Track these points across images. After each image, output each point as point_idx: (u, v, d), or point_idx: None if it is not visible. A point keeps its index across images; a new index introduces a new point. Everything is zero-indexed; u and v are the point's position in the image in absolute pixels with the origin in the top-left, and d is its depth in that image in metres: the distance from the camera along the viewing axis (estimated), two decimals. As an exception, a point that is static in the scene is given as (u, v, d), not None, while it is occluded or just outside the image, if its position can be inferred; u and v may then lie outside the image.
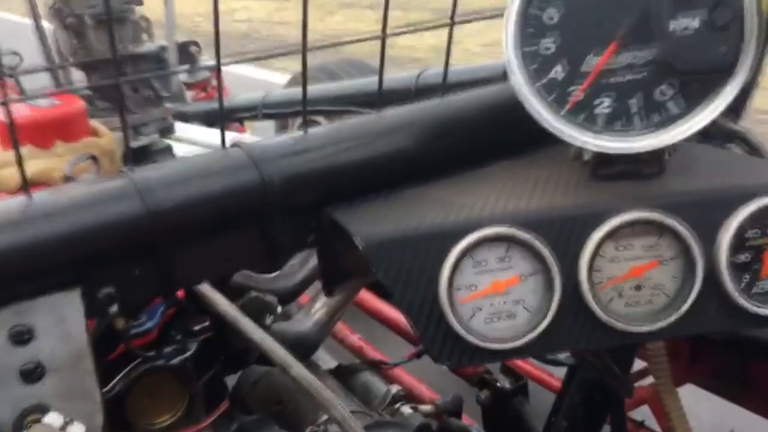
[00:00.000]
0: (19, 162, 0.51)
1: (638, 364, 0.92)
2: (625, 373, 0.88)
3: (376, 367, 1.06)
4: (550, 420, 1.02)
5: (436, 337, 0.54)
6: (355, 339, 1.63)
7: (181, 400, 0.75)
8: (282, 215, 0.56)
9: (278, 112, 1.54)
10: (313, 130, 0.60)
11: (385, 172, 0.60)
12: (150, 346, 0.73)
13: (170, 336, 0.76)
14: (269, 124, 2.00)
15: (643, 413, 1.19)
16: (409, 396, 1.45)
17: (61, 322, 0.50)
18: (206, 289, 0.76)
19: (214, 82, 1.85)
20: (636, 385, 1.02)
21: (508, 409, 1.19)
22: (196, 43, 1.72)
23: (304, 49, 0.57)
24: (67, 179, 0.70)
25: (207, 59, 1.92)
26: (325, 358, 1.29)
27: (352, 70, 1.87)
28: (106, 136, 0.75)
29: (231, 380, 1.01)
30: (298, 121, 1.87)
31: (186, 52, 1.68)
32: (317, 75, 1.93)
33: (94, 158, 0.64)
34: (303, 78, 0.57)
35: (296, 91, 1.63)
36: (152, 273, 0.53)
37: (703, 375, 1.01)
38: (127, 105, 0.94)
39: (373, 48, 0.62)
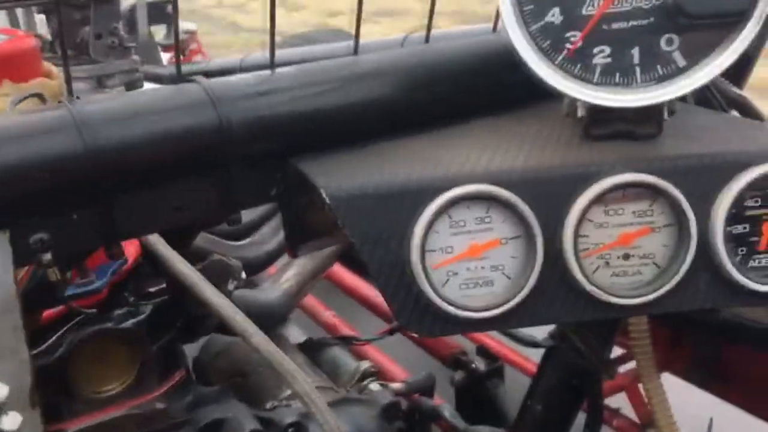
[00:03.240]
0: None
1: (615, 351, 0.89)
2: (605, 354, 0.85)
3: (347, 342, 1.02)
4: (525, 404, 0.99)
5: (407, 304, 0.49)
6: (328, 315, 1.58)
7: (131, 368, 0.70)
8: (241, 163, 0.50)
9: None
10: (281, 70, 0.54)
11: (360, 121, 0.55)
12: (98, 307, 0.67)
13: (122, 298, 0.70)
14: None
15: (619, 401, 1.16)
16: (381, 374, 1.42)
17: (-16, 268, 0.44)
18: (163, 248, 0.70)
19: (193, 45, 1.78)
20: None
21: (483, 391, 1.15)
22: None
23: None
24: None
25: (186, 23, 1.85)
26: (296, 334, 1.25)
27: (331, 39, 1.80)
28: (60, 78, 0.69)
29: (195, 350, 0.96)
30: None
31: (161, 12, 1.61)
32: (300, 44, 1.87)
33: (39, 96, 0.58)
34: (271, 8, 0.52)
35: (284, 52, 1.57)
36: (91, 219, 0.47)
37: (680, 364, 0.99)
38: (90, 53, 0.88)
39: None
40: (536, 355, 1.19)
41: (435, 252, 0.49)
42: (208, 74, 1.61)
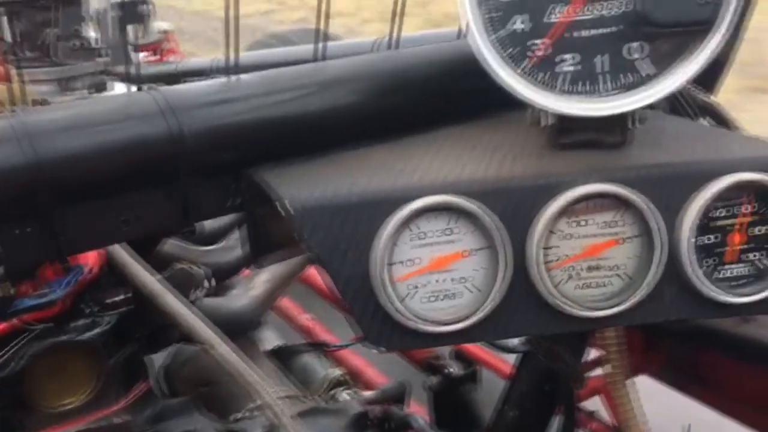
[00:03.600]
0: None
1: (592, 353, 0.88)
2: (576, 361, 0.84)
3: (319, 349, 1.00)
4: (499, 409, 0.98)
5: (370, 317, 0.48)
6: (304, 319, 1.56)
7: (90, 381, 0.68)
8: (196, 174, 0.49)
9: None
10: (241, 77, 0.52)
11: (321, 130, 0.53)
12: (55, 319, 0.65)
13: (82, 309, 0.68)
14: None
15: (595, 403, 1.16)
16: (357, 380, 1.41)
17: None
18: (125, 257, 0.69)
19: (168, 45, 1.75)
20: (589, 374, 0.98)
21: (458, 395, 1.14)
22: (146, 1, 1.61)
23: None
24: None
25: (161, 22, 1.82)
26: (271, 339, 1.23)
27: (308, 39, 1.79)
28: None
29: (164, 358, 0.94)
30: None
31: (133, 11, 1.58)
32: (276, 44, 1.85)
33: (-10, 103, 0.56)
34: (226, 14, 0.50)
35: (251, 54, 1.55)
36: (38, 233, 0.46)
37: (656, 365, 0.99)
38: (53, 56, 0.86)
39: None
40: (512, 357, 1.19)
41: (398, 264, 0.48)
42: (178, 75, 1.59)
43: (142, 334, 0.73)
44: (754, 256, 0.50)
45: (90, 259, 0.69)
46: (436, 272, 0.48)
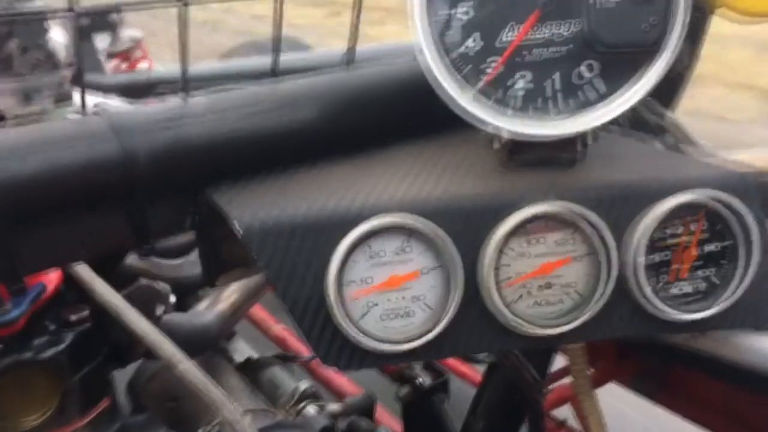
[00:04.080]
0: None
1: (561, 361, 0.89)
2: (542, 372, 0.85)
3: (288, 360, 1.00)
4: (468, 419, 0.98)
5: (324, 337, 0.48)
6: (278, 329, 1.56)
7: (52, 398, 0.67)
8: (151, 195, 0.48)
9: (200, 85, 1.44)
10: (195, 98, 0.52)
11: (277, 149, 0.53)
12: (15, 337, 0.64)
13: (42, 326, 0.68)
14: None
15: (566, 412, 1.17)
16: (330, 389, 1.41)
17: None
18: (86, 274, 0.68)
19: (138, 53, 1.74)
20: (558, 383, 0.99)
21: (428, 406, 1.15)
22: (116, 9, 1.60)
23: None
24: None
25: (131, 30, 1.81)
26: (243, 350, 1.22)
27: (285, 48, 1.78)
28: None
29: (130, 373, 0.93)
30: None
31: (103, 19, 1.57)
32: (248, 52, 1.84)
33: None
34: (180, 36, 0.50)
35: (223, 64, 1.54)
36: None
37: (628, 375, 0.99)
38: (15, 68, 0.85)
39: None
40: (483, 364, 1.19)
41: (354, 283, 0.48)
42: (148, 84, 1.57)
43: (106, 350, 0.73)
44: (704, 273, 0.51)
45: (51, 275, 0.69)
46: (391, 291, 0.48)
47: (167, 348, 0.66)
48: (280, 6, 0.54)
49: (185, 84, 0.53)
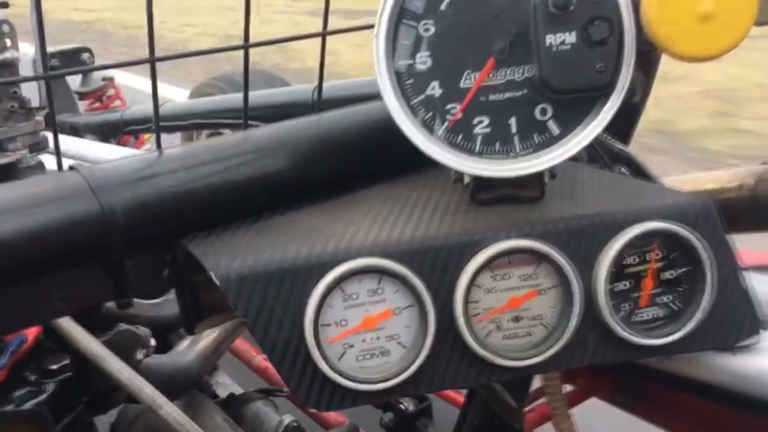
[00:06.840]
0: None
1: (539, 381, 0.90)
2: (521, 393, 0.87)
3: (272, 394, 1.01)
4: (451, 444, 0.99)
5: (303, 380, 0.49)
6: (260, 360, 1.56)
7: (35, 449, 0.67)
8: (129, 249, 0.50)
9: (174, 125, 1.45)
10: (168, 151, 0.54)
11: (250, 197, 0.55)
12: (-4, 390, 0.65)
13: (23, 377, 0.68)
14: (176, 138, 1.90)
15: (549, 429, 1.18)
16: (314, 418, 1.41)
17: None
18: (65, 323, 0.69)
19: (111, 92, 1.75)
20: (539, 402, 1.00)
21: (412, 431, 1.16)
22: (88, 50, 1.61)
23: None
24: None
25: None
26: (226, 384, 1.22)
27: (261, 83, 1.80)
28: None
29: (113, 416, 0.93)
30: (205, 133, 1.78)
31: (77, 60, 1.57)
32: (223, 86, 1.85)
33: None
34: (153, 88, 0.52)
35: (197, 102, 1.55)
36: None
37: (606, 389, 1.01)
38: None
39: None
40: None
41: (330, 326, 0.49)
42: (118, 125, 1.58)
43: (87, 396, 0.73)
44: (667, 299, 0.54)
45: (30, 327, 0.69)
46: (366, 331, 0.50)
47: (149, 393, 0.66)
48: (246, 57, 0.56)
49: (158, 134, 0.54)
